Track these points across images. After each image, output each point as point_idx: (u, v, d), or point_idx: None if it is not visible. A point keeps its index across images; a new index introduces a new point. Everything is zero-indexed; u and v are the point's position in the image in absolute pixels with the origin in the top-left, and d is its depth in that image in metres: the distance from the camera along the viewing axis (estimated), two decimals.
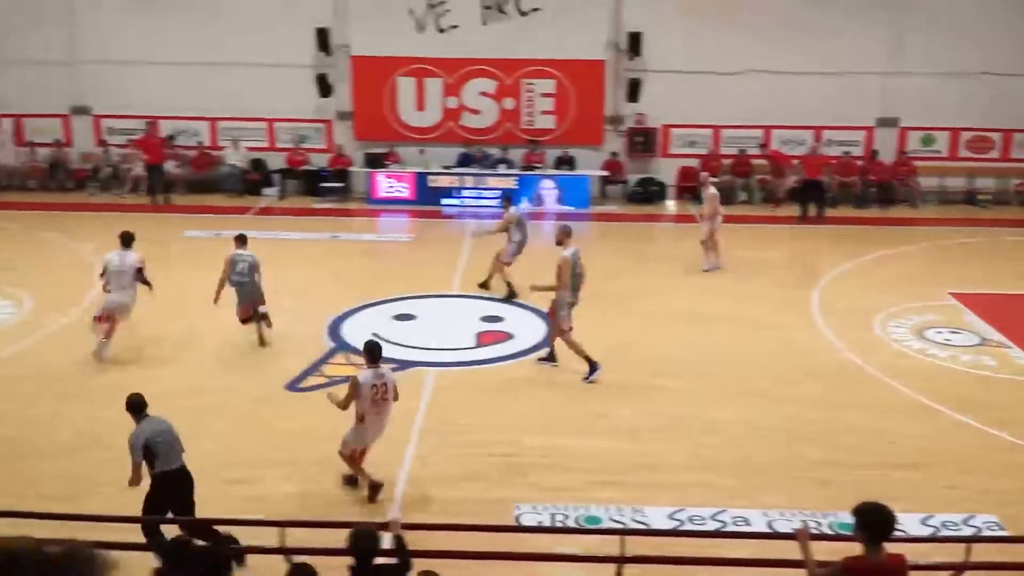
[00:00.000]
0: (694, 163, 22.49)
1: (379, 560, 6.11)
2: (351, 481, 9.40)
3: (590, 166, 22.54)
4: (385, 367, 9.38)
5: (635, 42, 21.87)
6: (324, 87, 22.12)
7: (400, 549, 6.32)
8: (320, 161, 22.75)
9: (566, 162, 22.52)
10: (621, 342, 13.46)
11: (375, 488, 9.15)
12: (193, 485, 7.87)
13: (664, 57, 21.94)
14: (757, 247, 18.95)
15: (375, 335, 13.60)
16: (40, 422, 10.84)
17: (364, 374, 9.17)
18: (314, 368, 12.49)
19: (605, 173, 22.58)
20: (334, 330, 13.86)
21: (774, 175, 22.30)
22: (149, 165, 21.53)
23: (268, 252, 17.68)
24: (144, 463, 7.84)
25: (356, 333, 13.70)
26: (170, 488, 7.76)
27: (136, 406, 7.99)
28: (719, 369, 12.65)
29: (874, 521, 5.89)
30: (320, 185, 22.29)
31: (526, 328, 14.08)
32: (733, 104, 22.22)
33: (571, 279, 12.16)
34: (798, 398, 11.77)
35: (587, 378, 12.05)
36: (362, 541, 6.05)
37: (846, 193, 22.26)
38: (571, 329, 12.20)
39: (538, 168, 22.27)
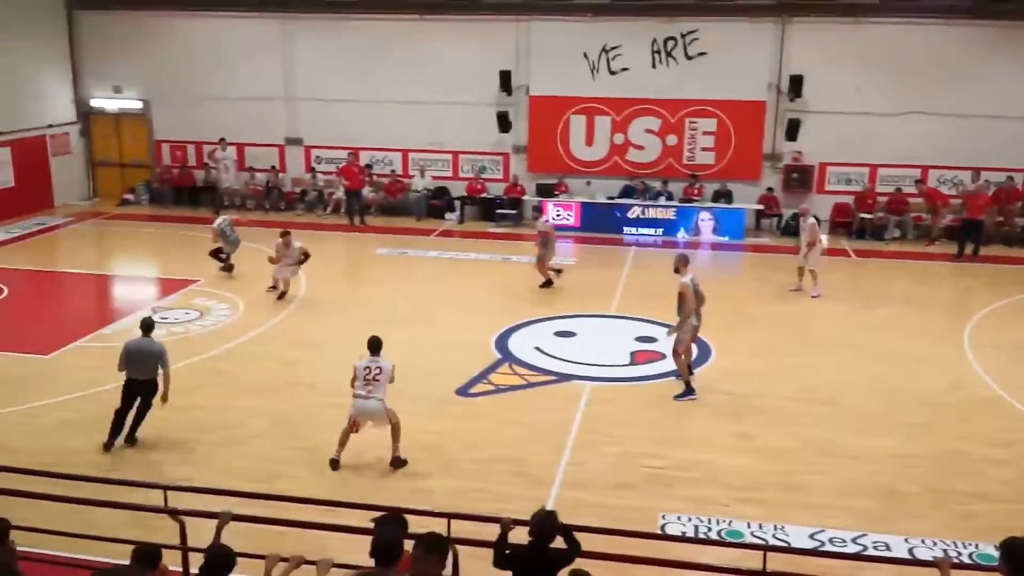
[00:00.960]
0: (849, 199, 21.69)
1: (554, 544, 6.20)
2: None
3: (747, 200, 22.07)
4: (381, 358, 10.01)
5: (796, 84, 21.29)
6: (504, 123, 22.56)
7: (570, 538, 6.37)
8: (496, 190, 23.20)
9: (724, 195, 22.11)
10: (771, 367, 13.09)
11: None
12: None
13: (824, 98, 21.31)
14: (912, 282, 18.07)
15: (537, 348, 13.75)
16: (248, 411, 11.46)
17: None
18: (482, 376, 12.69)
19: (760, 207, 22.05)
20: (501, 342, 14.05)
21: (930, 212, 21.21)
22: (349, 190, 22.50)
23: (446, 270, 18.32)
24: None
25: (521, 346, 13.86)
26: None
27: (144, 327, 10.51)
28: (869, 397, 12.11)
29: (1016, 555, 5.49)
30: (496, 211, 22.73)
31: None
32: (891, 144, 21.33)
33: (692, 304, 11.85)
34: (948, 431, 11.12)
35: (679, 396, 11.92)
36: (546, 521, 6.18)
37: (1000, 233, 20.89)
38: (687, 352, 12.08)
39: (696, 200, 21.97)
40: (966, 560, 8.25)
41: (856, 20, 21.04)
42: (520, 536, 6.26)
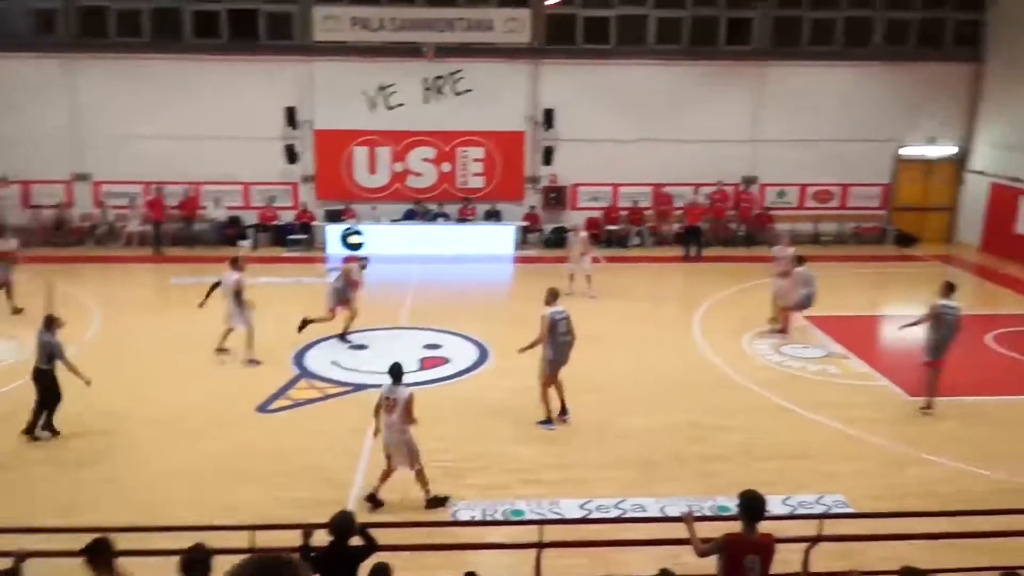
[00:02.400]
0: (598, 214, 22.79)
1: (352, 542, 6.04)
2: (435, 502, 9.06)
3: (513, 218, 22.66)
4: (401, 387, 8.96)
5: (549, 116, 22.15)
6: (291, 155, 21.92)
7: (366, 535, 6.23)
8: (288, 217, 22.49)
9: (494, 215, 22.60)
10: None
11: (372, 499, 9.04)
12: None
13: (573, 128, 22.27)
14: (652, 281, 19.23)
15: (334, 362, 13.43)
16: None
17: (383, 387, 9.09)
18: (281, 392, 12.24)
19: (526, 223, 22.72)
20: (299, 360, 13.61)
21: (659, 216, 22.67)
22: (153, 221, 21.11)
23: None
24: None
25: (317, 362, 13.49)
26: None
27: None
28: (626, 381, 12.75)
29: (749, 505, 5.98)
30: (288, 237, 22.03)
31: (461, 353, 14.01)
32: (629, 165, 22.60)
33: (551, 336, 10.99)
34: (687, 405, 11.91)
35: (541, 422, 11.15)
36: (343, 521, 5.98)
37: (719, 236, 22.71)
38: (548, 384, 11.17)
39: (471, 220, 22.31)
40: (708, 512, 8.85)
41: (595, 62, 22.19)
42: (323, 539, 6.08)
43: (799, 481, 9.72)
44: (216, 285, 13.58)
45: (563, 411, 11.31)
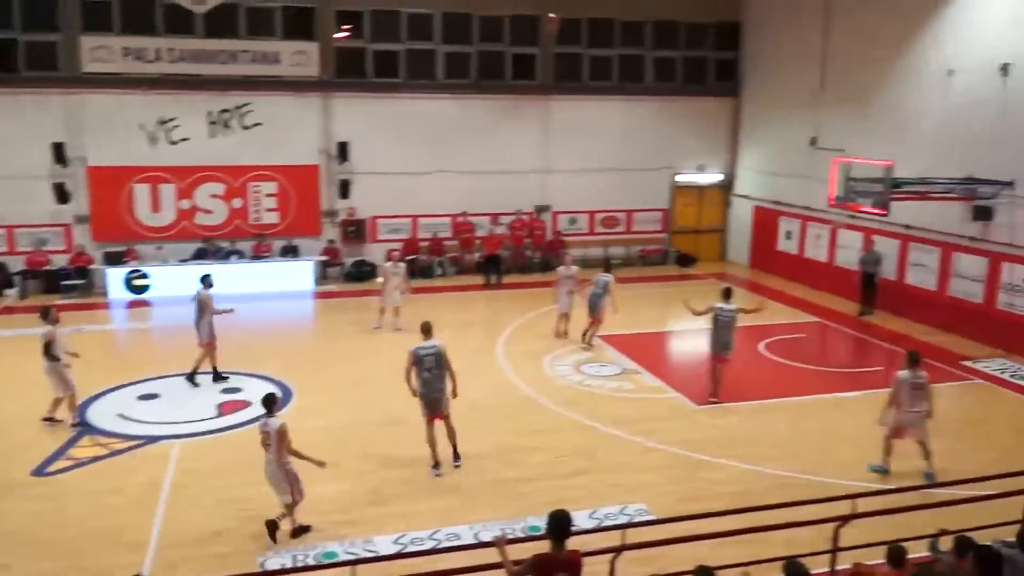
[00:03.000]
0: (399, 245, 22.69)
1: None
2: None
3: (312, 253, 22.16)
4: (273, 419, 8.93)
5: (343, 149, 21.94)
6: (61, 195, 20.22)
7: None
8: (61, 261, 20.66)
9: (291, 250, 21.99)
10: (360, 397, 13.21)
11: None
12: None
13: (368, 161, 22.19)
14: (457, 309, 19.44)
15: (121, 415, 12.47)
16: None
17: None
18: (61, 452, 11.18)
19: (325, 258, 22.29)
20: (81, 414, 12.50)
21: (463, 245, 23.01)
22: None
23: (12, 350, 15.82)
24: None
25: (103, 415, 12.46)
26: None
27: None
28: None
29: (555, 524, 6.14)
30: (62, 283, 20.22)
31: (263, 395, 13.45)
32: (427, 197, 22.82)
33: (416, 371, 10.66)
34: (496, 428, 12.09)
35: (434, 468, 10.72)
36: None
37: (517, 263, 23.37)
38: (428, 423, 10.78)
39: (267, 257, 21.57)
40: (520, 534, 9.00)
41: (387, 95, 22.28)
42: None
43: (604, 495, 10.12)
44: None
45: (455, 456, 10.88)
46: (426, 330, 10.93)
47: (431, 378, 10.66)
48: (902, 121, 18.63)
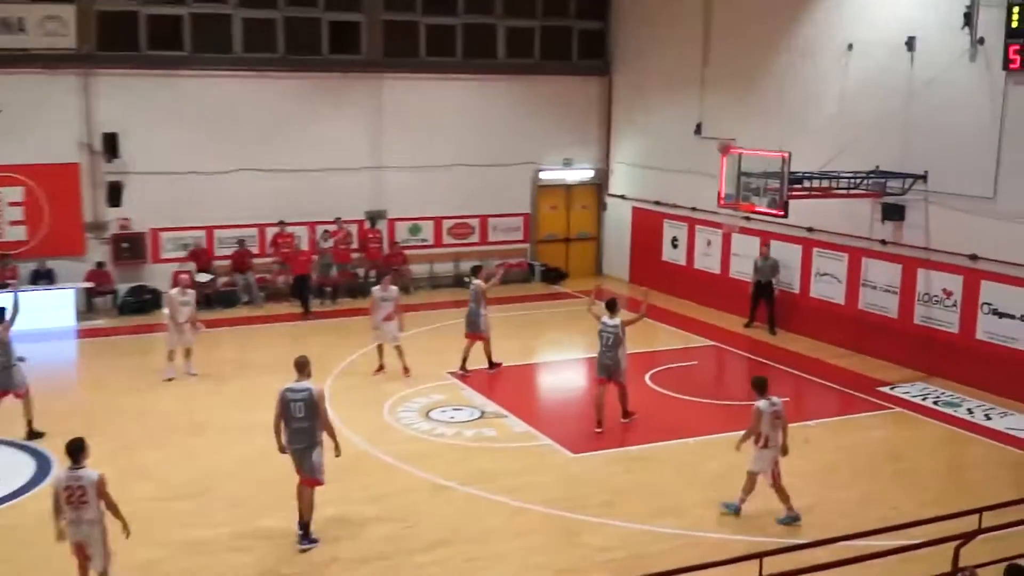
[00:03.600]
0: (190, 267, 21.80)
1: None
2: None
3: (73, 278, 20.98)
4: (84, 470, 8.84)
5: (111, 143, 20.96)
6: None
7: None
8: None
9: (44, 276, 20.73)
10: (140, 465, 12.54)
11: None
12: None
13: (146, 158, 21.32)
14: (269, 346, 18.89)
15: None
16: None
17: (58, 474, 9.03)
18: None
19: (90, 284, 21.16)
20: None
21: (284, 261, 22.42)
22: None
23: None
24: None
25: None
26: None
27: None
28: (248, 480, 12.32)
29: None
30: None
31: (12, 468, 12.58)
32: (226, 203, 22.18)
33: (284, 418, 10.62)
34: (326, 497, 11.69)
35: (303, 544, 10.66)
36: None
37: (347, 285, 22.99)
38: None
39: (12, 284, 20.20)
40: None
41: (167, 73, 21.49)
42: None
43: (465, 573, 10.01)
44: None
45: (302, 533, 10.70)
46: (300, 366, 10.77)
47: (300, 430, 10.56)
48: (799, 105, 19.70)
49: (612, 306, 14.38)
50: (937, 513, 9.84)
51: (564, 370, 18.06)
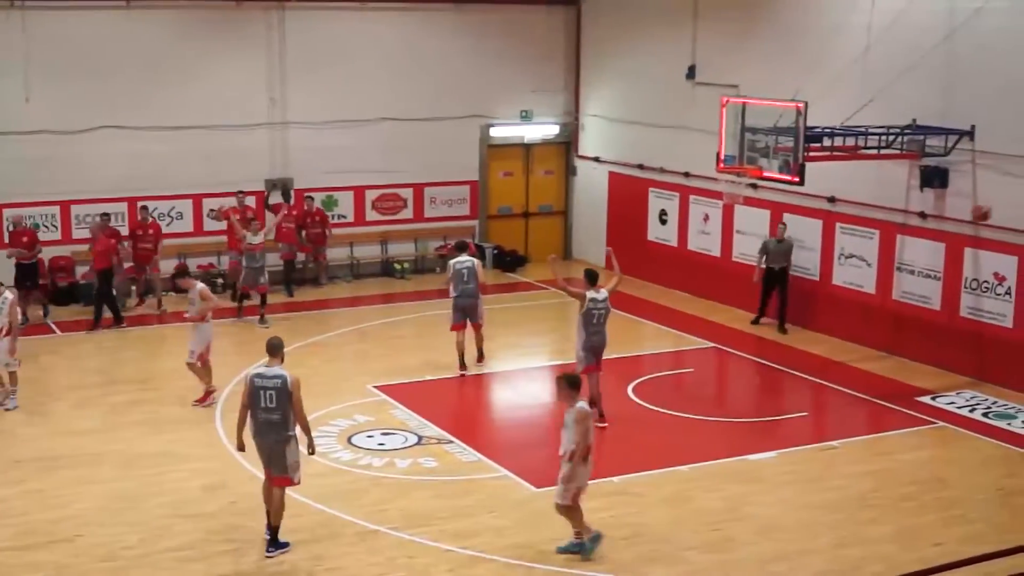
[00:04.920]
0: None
1: None
2: None
3: None
4: None
5: None
6: None
7: None
8: None
9: None
10: None
11: None
12: None
13: None
14: (136, 358, 18.86)
15: None
16: None
17: None
18: None
19: None
20: None
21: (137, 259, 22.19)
22: None
23: None
24: None
25: None
26: None
27: None
28: (115, 523, 12.41)
29: None
30: None
31: None
32: (88, 172, 22.22)
33: None
34: (222, 544, 11.86)
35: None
36: None
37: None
38: None
39: None
40: None
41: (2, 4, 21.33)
42: None
43: None
44: None
45: (269, 544, 11.65)
46: (273, 349, 11.57)
47: (270, 422, 11.36)
48: (817, 44, 19.99)
49: (593, 277, 15.36)
50: (987, 550, 10.18)
51: (524, 382, 18.22)
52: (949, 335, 18.17)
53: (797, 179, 17.12)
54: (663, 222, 24.10)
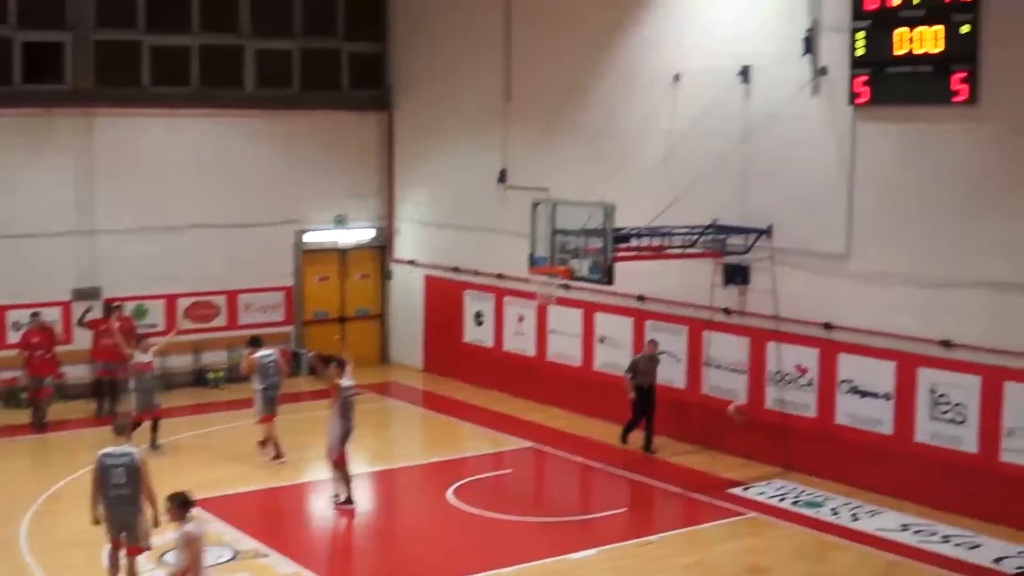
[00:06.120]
0: None
1: None
2: None
3: None
4: None
5: None
6: None
7: None
8: None
9: None
10: None
11: None
12: None
13: None
14: None
15: None
16: None
17: None
18: None
19: None
20: None
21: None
22: None
23: None
24: None
25: None
26: None
27: None
28: None
29: None
30: None
31: None
32: None
33: None
34: None
35: None
36: None
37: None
38: None
39: None
40: None
41: None
42: None
43: None
44: None
45: None
46: (121, 429, 12.70)
47: (122, 497, 12.33)
48: (622, 148, 20.74)
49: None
50: None
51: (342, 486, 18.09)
52: (757, 427, 18.72)
53: (606, 278, 17.58)
54: (479, 324, 24.37)
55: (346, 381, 16.49)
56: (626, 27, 20.71)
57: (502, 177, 23.33)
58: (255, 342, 19.52)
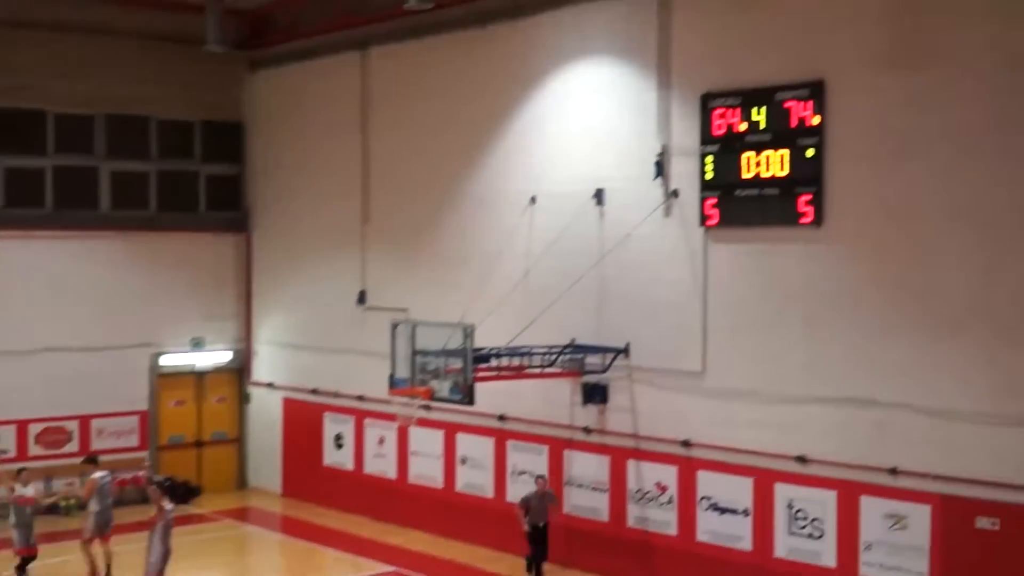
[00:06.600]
0: None
1: None
2: None
3: None
4: None
5: None
6: None
7: None
8: None
9: None
10: None
11: None
12: None
13: None
14: None
15: None
16: None
17: None
18: None
19: None
20: None
21: None
22: None
23: None
24: None
25: None
26: None
27: None
28: None
29: None
30: None
31: None
32: None
33: None
34: None
35: None
36: None
37: None
38: None
39: None
40: None
41: None
42: None
43: None
44: None
45: None
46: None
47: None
48: (480, 268, 20.88)
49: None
50: None
51: None
52: (619, 545, 18.75)
53: (467, 399, 17.59)
54: (339, 446, 24.10)
55: (169, 505, 16.58)
56: (483, 151, 21.09)
57: (361, 298, 23.36)
58: (91, 460, 19.67)
